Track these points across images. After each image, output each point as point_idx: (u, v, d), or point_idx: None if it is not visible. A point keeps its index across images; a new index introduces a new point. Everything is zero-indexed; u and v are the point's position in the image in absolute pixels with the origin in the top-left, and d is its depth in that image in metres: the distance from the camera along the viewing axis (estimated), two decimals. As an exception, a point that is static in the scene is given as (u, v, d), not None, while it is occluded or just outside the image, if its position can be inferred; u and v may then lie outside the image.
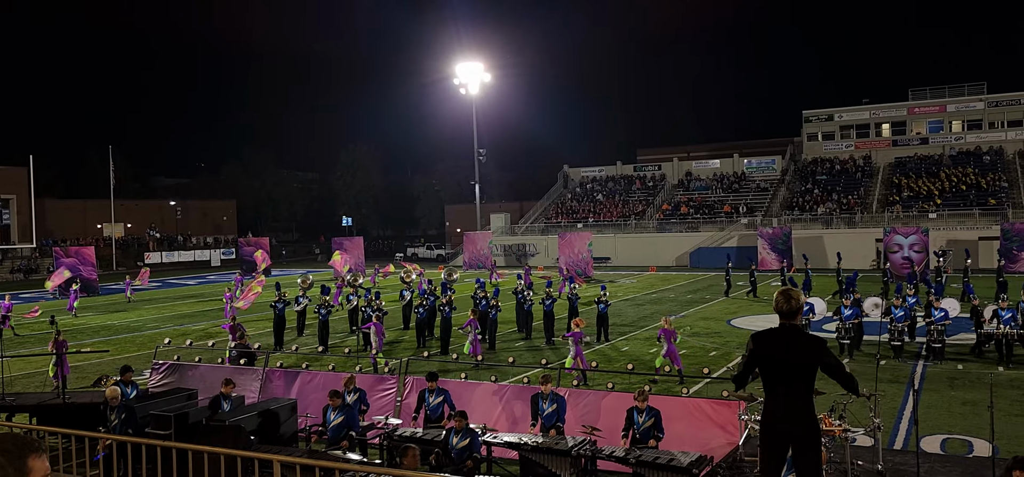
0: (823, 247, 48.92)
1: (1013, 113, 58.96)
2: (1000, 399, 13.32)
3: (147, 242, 71.88)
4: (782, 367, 6.07)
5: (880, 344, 18.42)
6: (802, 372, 6.05)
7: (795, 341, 6.08)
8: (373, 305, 21.66)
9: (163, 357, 15.78)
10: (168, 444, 7.68)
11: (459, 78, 58.61)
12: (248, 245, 55.54)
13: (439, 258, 67.78)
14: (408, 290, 25.96)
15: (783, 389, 6.09)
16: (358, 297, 25.49)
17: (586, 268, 45.85)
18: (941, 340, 17.76)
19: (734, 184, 61.88)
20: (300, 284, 26.56)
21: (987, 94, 59.87)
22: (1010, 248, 40.69)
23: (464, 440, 9.79)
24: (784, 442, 6.09)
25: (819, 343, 6.22)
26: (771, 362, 6.13)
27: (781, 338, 6.12)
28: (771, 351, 6.13)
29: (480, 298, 22.61)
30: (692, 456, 9.36)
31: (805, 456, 6.06)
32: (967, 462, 10.69)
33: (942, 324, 17.86)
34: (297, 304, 24.22)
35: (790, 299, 6.11)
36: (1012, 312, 17.60)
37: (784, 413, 6.06)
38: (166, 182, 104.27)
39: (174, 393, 13.12)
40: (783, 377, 6.07)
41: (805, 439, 6.04)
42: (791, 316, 6.11)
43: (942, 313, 18.03)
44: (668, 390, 13.77)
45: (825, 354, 6.11)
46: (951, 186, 52.43)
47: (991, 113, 59.54)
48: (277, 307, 22.37)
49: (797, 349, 6.06)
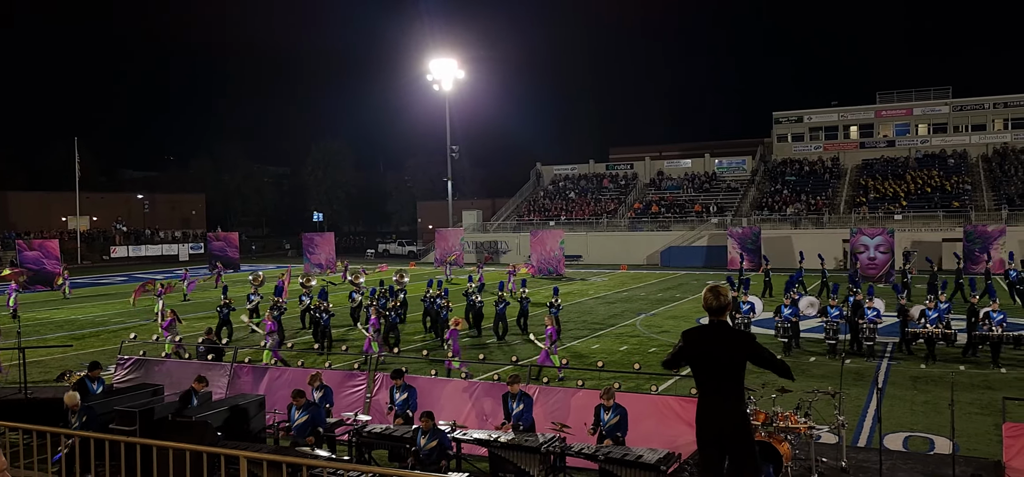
0: (791, 247, 49.48)
1: (977, 118, 60.13)
2: (961, 398, 13.60)
3: (113, 235, 70.80)
4: (712, 363, 6.17)
5: (840, 342, 18.71)
6: (731, 368, 6.15)
7: (724, 337, 6.20)
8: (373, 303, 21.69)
9: (128, 352, 15.56)
10: (132, 440, 7.58)
11: (433, 74, 58.44)
12: (217, 240, 54.98)
13: (411, 255, 67.55)
14: (358, 293, 25.81)
15: (713, 385, 6.19)
16: (362, 294, 25.62)
17: (558, 266, 46.00)
18: (873, 338, 18.29)
19: (705, 184, 62.40)
20: (251, 281, 26.49)
21: (952, 98, 61.03)
22: (972, 249, 41.48)
23: (432, 441, 9.79)
24: (718, 440, 6.18)
25: (747, 337, 6.36)
26: (701, 358, 6.23)
27: (710, 334, 6.24)
28: (701, 347, 6.24)
29: (432, 298, 22.60)
30: (660, 453, 9.43)
31: (737, 450, 6.15)
32: (928, 459, 10.90)
33: (874, 323, 18.46)
34: (248, 302, 24.35)
35: (719, 296, 6.20)
36: (940, 312, 18.20)
37: (715, 409, 6.15)
38: (134, 175, 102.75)
39: (140, 389, 12.95)
40: (713, 373, 6.17)
41: (736, 433, 6.13)
42: (720, 312, 6.21)
43: (875, 312, 18.68)
44: (638, 388, 13.87)
45: (753, 346, 6.25)
46: (916, 188, 53.33)
47: (956, 117, 60.67)
48: (222, 311, 22.27)
49: (726, 345, 6.17)
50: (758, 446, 9.77)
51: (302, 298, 25.52)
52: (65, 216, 70.49)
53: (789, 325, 19.01)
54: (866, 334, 18.33)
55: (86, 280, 46.67)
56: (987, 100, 60.20)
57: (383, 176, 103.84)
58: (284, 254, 75.27)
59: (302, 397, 10.98)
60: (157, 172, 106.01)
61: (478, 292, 23.67)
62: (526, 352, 17.97)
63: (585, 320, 26.07)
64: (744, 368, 6.21)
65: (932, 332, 17.78)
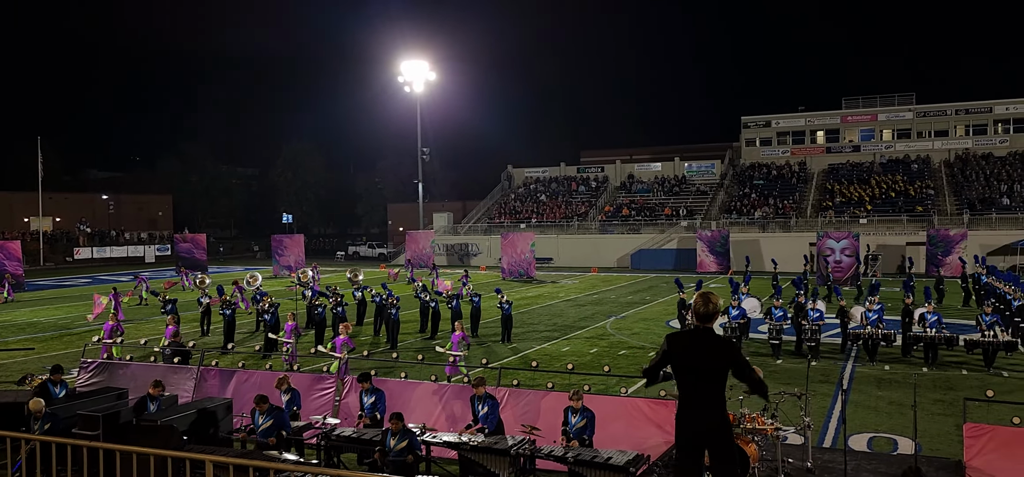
0: (760, 250, 50.09)
1: (940, 123, 61.32)
2: (923, 399, 13.85)
3: (77, 237, 69.57)
4: (695, 369, 6.15)
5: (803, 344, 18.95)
6: (714, 374, 6.14)
7: (708, 344, 6.18)
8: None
9: (92, 355, 15.30)
10: (95, 444, 7.45)
11: (404, 76, 58.22)
12: (184, 241, 54.26)
13: (381, 257, 67.21)
14: (308, 290, 26.01)
15: (696, 391, 6.18)
16: (362, 292, 25.70)
17: (528, 268, 46.05)
18: (816, 339, 18.67)
19: (675, 187, 62.88)
20: (198, 284, 26.44)
21: (916, 105, 62.17)
22: (935, 253, 42.28)
23: (402, 442, 9.74)
24: (698, 443, 6.19)
25: (731, 345, 6.37)
26: (685, 364, 6.20)
27: (695, 340, 6.22)
28: (685, 353, 6.22)
29: (380, 297, 22.79)
30: (629, 455, 9.48)
31: (718, 456, 6.17)
32: (892, 459, 11.07)
33: (817, 324, 18.86)
34: (199, 304, 24.51)
35: (709, 302, 6.19)
36: (878, 312, 18.64)
37: (697, 415, 6.14)
38: (98, 175, 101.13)
39: (103, 392, 12.73)
40: (696, 379, 6.16)
41: (717, 440, 6.15)
42: (708, 319, 6.19)
43: (817, 314, 19.06)
44: (607, 390, 13.93)
45: (736, 356, 6.25)
46: (881, 192, 54.21)
47: (919, 123, 61.81)
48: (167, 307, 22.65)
49: (710, 351, 6.16)
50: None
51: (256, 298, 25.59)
52: (27, 217, 69.12)
53: (737, 326, 19.58)
54: (808, 335, 18.73)
55: (49, 282, 45.83)
56: (949, 106, 61.43)
57: (353, 178, 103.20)
58: (253, 256, 74.49)
59: (265, 402, 10.87)
60: (123, 172, 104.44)
61: (422, 292, 23.73)
62: (498, 355, 17.95)
63: (555, 322, 26.13)
64: (727, 375, 6.20)
65: (872, 333, 18.20)
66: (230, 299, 22.45)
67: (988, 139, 59.45)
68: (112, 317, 19.77)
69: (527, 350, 20.58)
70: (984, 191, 51.94)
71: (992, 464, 9.26)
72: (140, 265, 61.33)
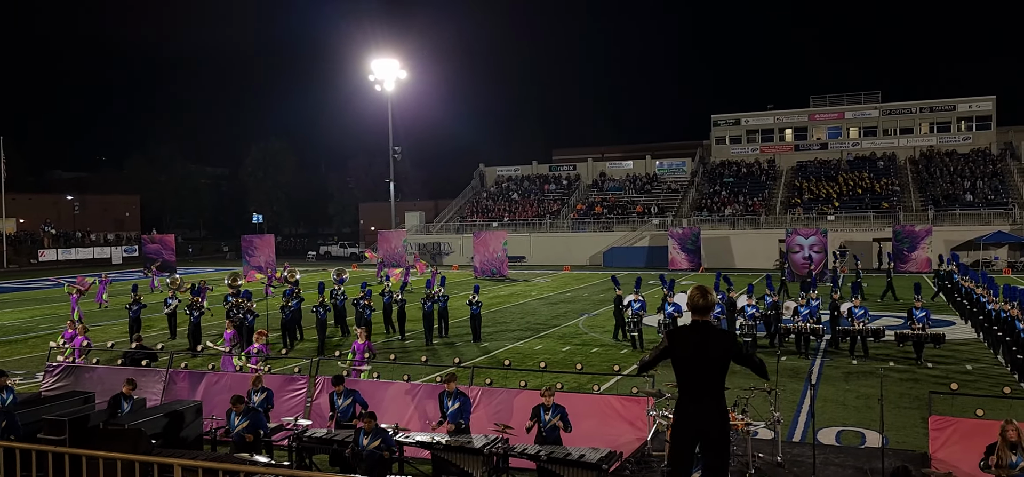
0: (730, 247, 50.58)
1: (905, 121, 62.33)
2: (890, 393, 14.08)
3: (41, 238, 68.28)
4: (696, 363, 6.15)
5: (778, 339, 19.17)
6: (715, 368, 6.16)
7: (709, 337, 6.19)
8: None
9: (57, 359, 15.04)
10: (60, 449, 7.32)
11: (375, 75, 57.92)
12: (152, 242, 53.48)
13: (353, 256, 66.82)
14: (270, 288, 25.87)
15: (697, 385, 6.18)
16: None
17: (501, 267, 46.06)
18: (751, 335, 19.11)
19: (646, 185, 63.23)
20: (169, 285, 26.01)
21: (882, 102, 63.12)
22: (901, 249, 42.96)
23: (375, 440, 9.70)
24: (695, 438, 6.19)
25: (731, 337, 6.43)
26: (685, 358, 6.20)
27: (695, 334, 6.22)
28: (686, 347, 6.20)
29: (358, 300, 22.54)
30: (602, 452, 9.52)
31: (714, 451, 6.17)
32: (859, 452, 11.25)
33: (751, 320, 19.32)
34: (166, 306, 23.97)
35: (706, 295, 6.23)
36: (811, 307, 19.23)
37: (698, 409, 6.15)
38: (63, 176, 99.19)
39: (69, 396, 12.54)
40: (697, 373, 6.17)
41: (716, 434, 6.15)
42: (705, 312, 6.21)
43: (807, 310, 19.39)
44: (580, 388, 13.98)
45: (736, 346, 6.33)
46: (848, 189, 54.97)
47: (885, 121, 62.77)
48: (132, 309, 22.40)
49: (711, 344, 6.17)
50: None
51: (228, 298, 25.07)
52: (-10, 218, 67.68)
53: (669, 321, 19.61)
54: (745, 331, 19.07)
55: (13, 284, 44.96)
56: (914, 105, 62.48)
57: (324, 177, 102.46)
58: (223, 256, 73.65)
59: (242, 403, 10.76)
60: (88, 172, 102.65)
61: (399, 291, 23.59)
62: (468, 355, 17.91)
63: (528, 321, 26.17)
64: (727, 367, 6.23)
65: (803, 327, 18.64)
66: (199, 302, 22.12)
67: (952, 137, 60.52)
68: (77, 326, 19.03)
69: (499, 349, 20.59)
70: (948, 188, 52.88)
71: (956, 455, 9.44)
72: (107, 266, 60.33)
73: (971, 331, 21.96)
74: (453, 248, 58.74)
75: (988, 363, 17.83)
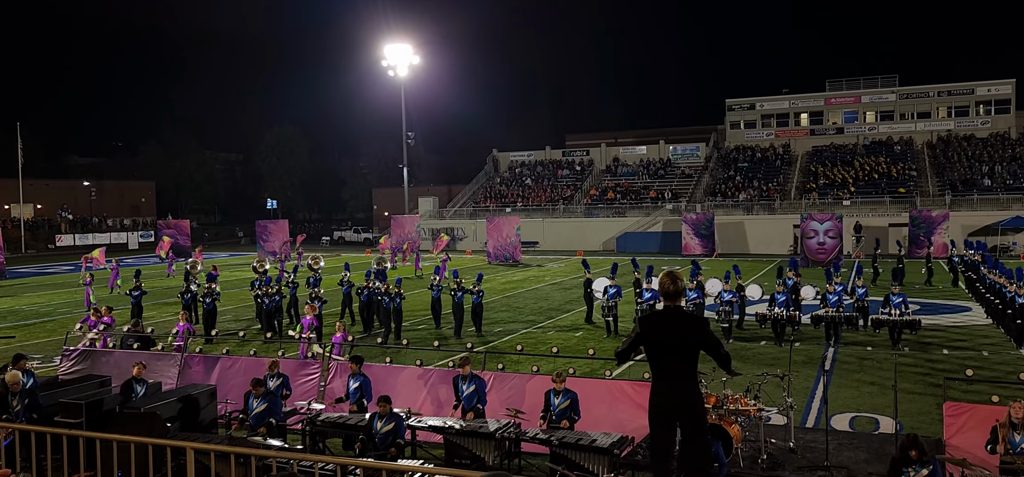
0: (744, 233, 50.33)
1: (922, 105, 61.64)
2: (903, 380, 13.99)
3: (58, 224, 68.90)
4: (668, 347, 6.29)
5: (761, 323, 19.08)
6: (686, 351, 6.29)
7: (680, 321, 6.34)
8: None
9: (74, 343, 15.19)
10: (75, 433, 7.40)
11: (387, 60, 57.89)
12: (168, 227, 53.87)
13: (366, 242, 67.04)
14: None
15: (669, 368, 6.31)
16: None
17: (514, 252, 46.07)
18: (728, 321, 19.38)
19: (660, 170, 62.97)
20: (189, 268, 26.19)
21: (899, 87, 62.44)
22: (917, 234, 42.60)
23: (388, 425, 9.74)
24: (671, 420, 6.31)
25: (702, 322, 6.53)
26: (657, 343, 6.33)
27: (667, 319, 6.37)
28: (658, 332, 6.36)
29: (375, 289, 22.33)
30: (613, 437, 9.53)
31: (690, 431, 6.30)
32: (873, 438, 11.19)
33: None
34: (182, 298, 23.85)
35: (676, 280, 6.36)
36: (785, 295, 19.22)
37: (670, 392, 6.28)
38: (80, 162, 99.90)
39: (86, 380, 12.66)
40: (669, 357, 6.29)
41: (689, 416, 6.27)
42: (676, 297, 6.35)
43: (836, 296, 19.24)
44: (592, 373, 13.98)
45: (706, 332, 6.41)
46: (864, 174, 54.50)
47: (902, 105, 62.11)
48: (133, 295, 22.90)
49: (682, 329, 6.31)
50: (711, 428, 9.96)
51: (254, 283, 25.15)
52: (8, 204, 68.37)
53: (693, 308, 19.61)
54: (721, 317, 19.34)
55: (31, 270, 45.42)
56: (932, 88, 61.72)
57: (338, 163, 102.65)
58: (237, 242, 74.09)
59: (262, 385, 10.84)
60: (105, 158, 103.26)
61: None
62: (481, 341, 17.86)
63: (541, 306, 26.18)
64: (698, 351, 6.35)
65: (778, 314, 18.71)
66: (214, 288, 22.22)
67: (970, 121, 59.83)
68: (102, 309, 19.23)
69: (511, 335, 20.60)
70: (966, 172, 52.34)
71: (971, 441, 9.38)
72: (123, 252, 60.84)
73: (987, 319, 21.75)
74: (466, 233, 58.79)
75: (1005, 349, 17.68)
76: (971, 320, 21.90)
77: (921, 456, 7.73)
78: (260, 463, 7.28)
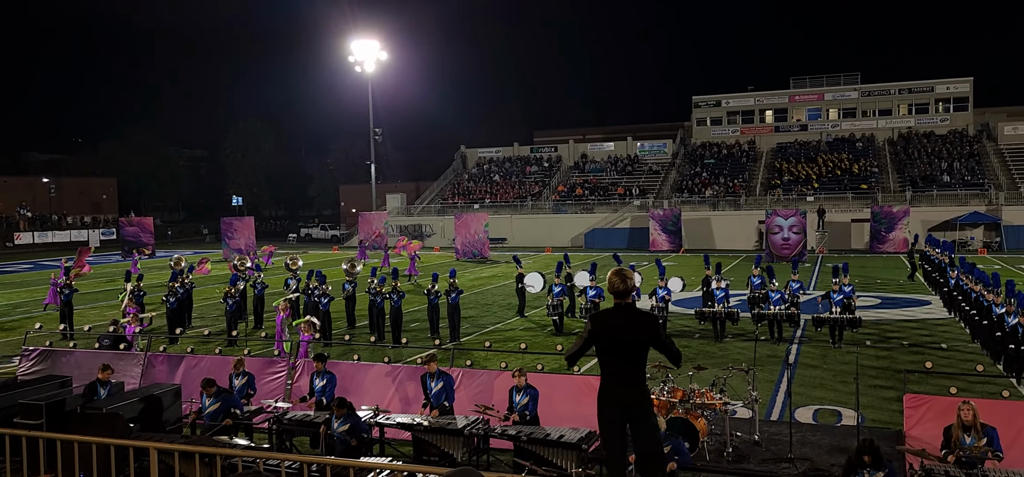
0: (710, 229, 50.83)
1: (884, 103, 62.71)
2: (865, 373, 14.25)
3: (17, 221, 67.39)
4: (619, 345, 6.28)
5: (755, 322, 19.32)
6: (637, 349, 6.30)
7: (631, 319, 6.33)
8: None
9: (34, 343, 14.89)
10: (35, 434, 7.26)
11: (355, 55, 57.48)
12: (130, 225, 53.00)
13: (334, 239, 66.53)
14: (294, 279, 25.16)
15: (619, 366, 6.31)
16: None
17: (482, 249, 46.04)
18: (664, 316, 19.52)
19: (627, 167, 63.32)
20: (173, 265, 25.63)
21: (861, 84, 63.47)
22: (879, 229, 43.38)
23: (344, 425, 9.71)
24: (621, 417, 6.31)
25: (653, 320, 6.54)
26: (608, 341, 6.32)
27: (618, 317, 6.35)
28: (609, 330, 6.33)
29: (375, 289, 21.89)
30: (581, 432, 9.58)
31: (641, 428, 6.31)
32: (836, 430, 11.39)
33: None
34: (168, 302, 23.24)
35: (625, 279, 6.35)
36: (724, 291, 19.51)
37: (621, 390, 6.28)
38: (39, 158, 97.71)
39: (46, 381, 12.40)
40: (619, 355, 6.29)
41: (641, 413, 6.29)
42: (625, 295, 6.35)
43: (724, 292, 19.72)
44: (560, 368, 14.02)
45: (658, 330, 6.43)
46: (827, 171, 55.33)
47: (864, 102, 63.13)
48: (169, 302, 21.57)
49: (633, 327, 6.31)
50: (678, 422, 10.06)
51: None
52: (-37, 201, 66.76)
53: (663, 305, 19.77)
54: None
55: (26, 265, 44.38)
56: (893, 86, 62.82)
57: (305, 159, 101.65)
58: (202, 239, 73.10)
59: (212, 386, 10.74)
60: (64, 154, 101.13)
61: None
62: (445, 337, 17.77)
63: (510, 302, 26.19)
64: (648, 349, 6.35)
65: (719, 312, 18.96)
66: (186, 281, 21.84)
67: (930, 118, 61.00)
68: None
69: (480, 331, 20.59)
70: (926, 169, 53.36)
71: (930, 432, 9.58)
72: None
73: (946, 311, 22.23)
74: (434, 230, 58.61)
75: (962, 342, 18.07)
76: (931, 314, 22.36)
77: (875, 461, 7.84)
78: (226, 462, 7.21)
